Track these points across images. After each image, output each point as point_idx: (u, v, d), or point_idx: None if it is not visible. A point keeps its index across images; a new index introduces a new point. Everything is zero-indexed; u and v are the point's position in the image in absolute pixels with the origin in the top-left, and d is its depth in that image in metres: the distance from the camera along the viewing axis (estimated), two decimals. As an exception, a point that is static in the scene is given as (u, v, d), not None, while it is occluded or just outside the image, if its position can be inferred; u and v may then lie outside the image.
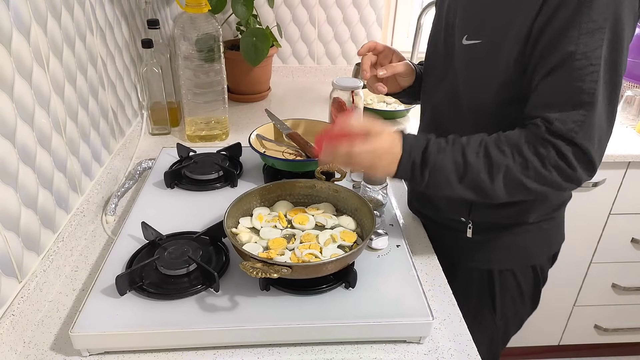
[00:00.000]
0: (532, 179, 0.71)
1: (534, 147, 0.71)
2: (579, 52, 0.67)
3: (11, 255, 0.72)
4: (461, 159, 0.72)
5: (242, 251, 0.74)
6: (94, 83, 1.04)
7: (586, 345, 1.86)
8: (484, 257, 0.96)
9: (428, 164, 0.73)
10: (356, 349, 0.73)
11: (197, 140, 1.34)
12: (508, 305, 1.00)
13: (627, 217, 1.54)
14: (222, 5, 1.46)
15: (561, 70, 0.69)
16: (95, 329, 0.69)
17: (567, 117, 0.69)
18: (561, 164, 0.70)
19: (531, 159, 0.70)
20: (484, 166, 0.72)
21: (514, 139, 0.72)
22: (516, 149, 0.71)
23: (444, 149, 0.73)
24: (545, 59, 0.70)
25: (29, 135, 0.77)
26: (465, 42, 0.81)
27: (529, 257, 0.97)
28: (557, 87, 0.70)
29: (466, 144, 0.73)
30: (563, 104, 0.69)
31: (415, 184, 0.76)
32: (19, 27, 0.75)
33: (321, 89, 1.78)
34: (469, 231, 0.94)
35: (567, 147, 0.69)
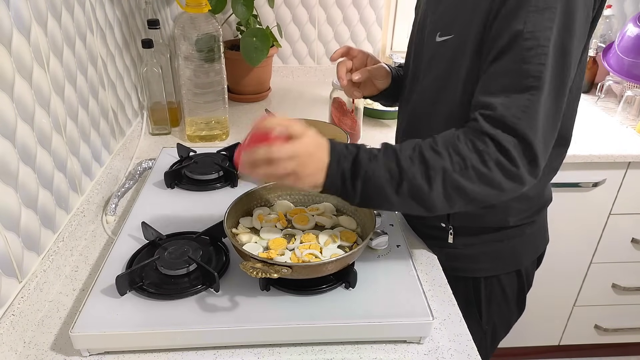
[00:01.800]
0: (471, 180, 0.65)
1: (472, 143, 0.65)
2: (527, 30, 0.63)
3: (11, 255, 0.72)
4: (395, 166, 0.66)
5: (242, 251, 0.74)
6: (94, 83, 1.04)
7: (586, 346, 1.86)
8: (468, 265, 0.94)
9: (359, 173, 0.66)
10: (356, 349, 0.73)
11: (197, 140, 1.34)
12: (494, 311, 0.99)
13: (627, 217, 1.54)
14: (222, 5, 1.46)
15: (509, 52, 0.65)
16: (95, 329, 0.69)
17: (511, 103, 0.64)
18: (502, 159, 0.64)
19: (469, 156, 0.65)
20: (419, 171, 0.66)
21: (449, 138, 0.67)
22: (452, 147, 0.66)
23: (375, 157, 0.67)
24: (496, 41, 0.66)
25: (29, 135, 0.77)
26: (438, 39, 0.78)
27: (513, 263, 0.94)
28: (503, 70, 0.65)
29: (399, 149, 0.68)
30: (508, 89, 0.65)
31: (347, 197, 0.69)
32: (19, 27, 0.75)
33: (321, 89, 1.78)
34: (450, 237, 0.91)
35: (507, 138, 0.64)
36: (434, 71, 0.82)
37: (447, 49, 0.77)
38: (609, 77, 1.65)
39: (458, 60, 0.75)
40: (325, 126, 1.20)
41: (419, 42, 0.87)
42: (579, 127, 1.49)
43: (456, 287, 0.93)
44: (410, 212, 0.71)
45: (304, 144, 0.65)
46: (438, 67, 0.80)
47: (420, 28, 0.87)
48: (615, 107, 1.60)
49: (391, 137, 1.41)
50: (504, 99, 0.64)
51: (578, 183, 1.44)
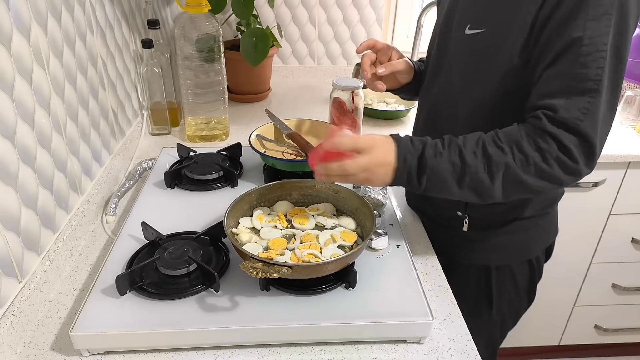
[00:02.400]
0: (532, 175, 0.70)
1: (534, 142, 0.69)
2: (586, 37, 0.66)
3: (11, 255, 0.72)
4: (459, 161, 0.71)
5: (242, 251, 0.74)
6: (94, 83, 1.04)
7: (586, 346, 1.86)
8: (481, 254, 0.97)
9: (425, 170, 0.72)
10: (356, 349, 0.73)
11: (197, 140, 1.34)
12: (505, 300, 1.01)
13: (627, 217, 1.54)
14: (222, 5, 1.46)
15: (566, 57, 0.68)
16: (95, 329, 0.69)
17: (571, 105, 0.67)
18: (563, 157, 0.68)
19: (532, 154, 0.69)
20: (482, 166, 0.70)
21: (513, 135, 0.71)
22: (515, 144, 0.70)
23: (440, 153, 0.72)
24: (551, 46, 0.69)
25: (29, 135, 0.77)
26: (468, 31, 0.79)
27: (525, 252, 0.97)
28: (562, 74, 0.68)
29: (463, 144, 0.72)
30: (567, 92, 0.68)
31: (413, 189, 0.75)
32: (19, 27, 0.75)
33: (321, 89, 1.78)
34: (465, 225, 0.94)
35: (569, 137, 0.68)
36: (460, 65, 0.83)
37: (477, 42, 0.79)
38: (609, 77, 1.65)
39: (491, 55, 0.77)
40: (326, 126, 1.20)
41: (443, 35, 0.87)
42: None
43: (468, 277, 0.97)
44: (466, 200, 0.76)
45: (372, 155, 0.72)
46: (464, 60, 0.82)
47: (445, 21, 0.87)
48: (615, 107, 1.60)
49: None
50: (565, 101, 0.68)
51: (578, 183, 1.44)
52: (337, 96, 1.29)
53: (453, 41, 0.84)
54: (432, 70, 0.91)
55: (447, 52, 0.86)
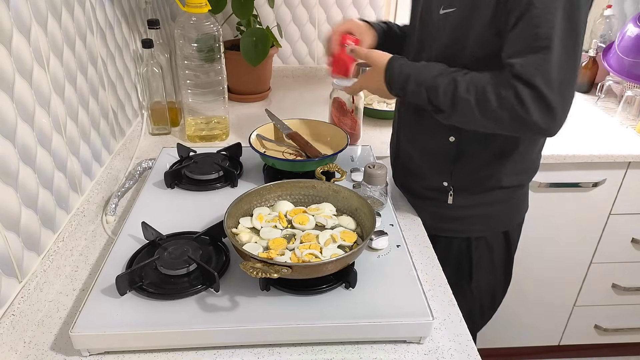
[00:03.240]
0: (485, 113, 0.81)
1: (496, 86, 0.79)
2: (537, 1, 0.75)
3: (11, 255, 0.72)
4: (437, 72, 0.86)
5: (242, 251, 0.74)
6: (94, 83, 1.04)
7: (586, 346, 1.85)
8: (462, 226, 1.04)
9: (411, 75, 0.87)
10: (356, 349, 0.73)
11: (197, 140, 1.34)
12: (483, 273, 1.09)
13: (627, 217, 1.54)
14: (222, 5, 1.46)
15: (523, 20, 0.77)
16: (95, 329, 0.69)
17: (527, 62, 0.76)
18: (517, 108, 0.78)
19: (490, 97, 0.80)
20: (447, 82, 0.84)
21: (481, 79, 0.82)
22: (479, 87, 0.81)
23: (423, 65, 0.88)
24: (513, 13, 0.78)
25: (29, 135, 0.77)
26: (442, 11, 0.89)
27: (501, 224, 1.06)
28: (519, 35, 0.78)
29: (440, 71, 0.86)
30: (524, 50, 0.77)
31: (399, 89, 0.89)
32: (20, 27, 0.75)
33: (321, 89, 1.78)
34: (450, 198, 1.02)
35: (525, 89, 0.76)
36: (441, 40, 0.91)
37: (451, 20, 0.88)
38: (609, 77, 1.65)
39: (463, 30, 0.86)
40: (325, 126, 1.20)
41: (426, 15, 0.94)
42: (579, 127, 1.50)
43: (450, 249, 1.06)
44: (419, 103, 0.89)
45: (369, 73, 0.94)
46: (444, 37, 0.90)
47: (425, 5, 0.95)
48: (615, 107, 1.60)
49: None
50: (522, 59, 0.77)
51: (578, 183, 1.44)
52: (337, 96, 1.29)
53: (433, 21, 0.92)
54: (416, 49, 0.98)
55: (428, 31, 0.94)
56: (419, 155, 1.05)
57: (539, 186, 1.42)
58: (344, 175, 0.94)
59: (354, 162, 1.18)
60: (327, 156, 1.06)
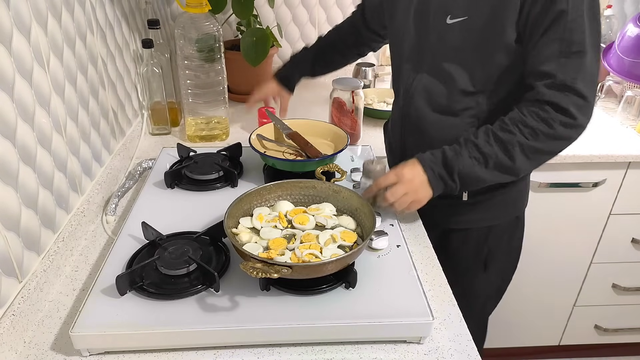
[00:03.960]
0: (544, 142, 0.81)
1: (536, 114, 0.80)
2: (569, 7, 0.76)
3: (11, 255, 0.72)
4: (477, 153, 0.83)
5: (242, 251, 0.74)
6: (95, 83, 1.04)
7: (586, 346, 1.85)
8: (479, 216, 1.03)
9: (454, 170, 0.83)
10: (356, 349, 0.73)
11: (198, 140, 1.34)
12: (498, 260, 1.09)
13: (627, 217, 1.54)
14: (222, 5, 1.46)
15: (556, 27, 0.77)
16: (95, 329, 0.69)
17: (565, 67, 0.78)
18: (563, 118, 0.79)
19: (537, 125, 0.79)
20: (499, 150, 0.82)
21: (515, 116, 0.82)
22: (520, 123, 0.81)
23: (459, 152, 0.84)
24: (541, 20, 0.79)
25: (29, 135, 0.77)
26: (449, 21, 0.87)
27: (515, 208, 1.06)
28: (553, 42, 0.78)
29: (475, 138, 0.83)
30: (560, 56, 0.78)
31: (451, 190, 0.86)
32: (20, 27, 0.75)
33: (321, 89, 1.78)
34: (465, 195, 1.00)
35: (565, 98, 0.78)
36: (445, 50, 0.89)
37: (460, 29, 0.86)
38: (609, 77, 1.65)
39: (474, 39, 0.85)
40: (325, 126, 1.20)
41: (420, 25, 0.92)
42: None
43: (466, 240, 1.05)
44: (502, 182, 0.87)
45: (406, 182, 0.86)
46: (450, 46, 0.89)
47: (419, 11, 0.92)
48: (616, 107, 1.60)
49: (391, 137, 1.41)
50: (560, 65, 0.78)
51: (578, 183, 1.44)
52: (337, 96, 1.30)
53: (434, 31, 0.90)
54: (415, 60, 0.96)
55: (428, 41, 0.92)
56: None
57: (539, 186, 1.42)
58: (344, 175, 0.94)
59: (354, 162, 1.18)
60: (327, 156, 1.06)
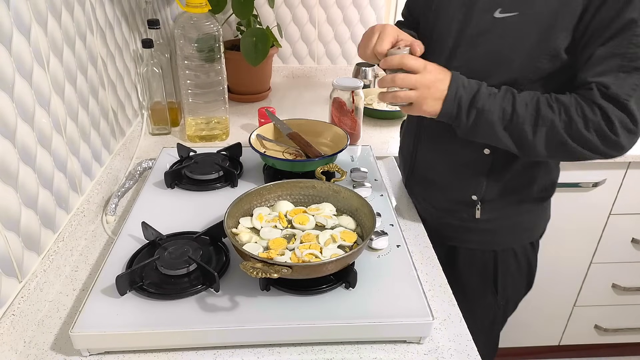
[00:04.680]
0: (573, 139, 0.75)
1: (581, 109, 0.74)
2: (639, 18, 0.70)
3: (11, 255, 0.72)
4: (510, 107, 0.77)
5: (242, 251, 0.74)
6: (94, 83, 1.04)
7: (586, 346, 1.86)
8: (488, 238, 0.99)
9: (476, 105, 0.77)
10: (356, 349, 0.73)
11: (198, 140, 1.34)
12: (509, 284, 1.04)
13: (627, 217, 1.54)
14: (222, 5, 1.46)
15: (621, 37, 0.72)
16: (95, 329, 0.69)
17: (623, 82, 0.72)
18: (604, 128, 0.74)
19: (576, 119, 0.74)
20: (530, 118, 0.76)
21: (564, 100, 0.76)
22: (564, 107, 0.75)
23: (494, 94, 0.78)
24: (606, 27, 0.72)
25: (29, 135, 0.77)
26: (498, 15, 0.80)
27: (529, 234, 1.01)
28: (615, 53, 0.72)
29: (517, 94, 0.78)
30: (620, 70, 0.72)
31: (458, 124, 0.80)
32: (19, 27, 0.75)
33: (321, 89, 1.78)
34: (477, 212, 0.96)
35: (616, 112, 0.73)
36: (486, 45, 0.83)
37: (509, 25, 0.80)
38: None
39: (523, 37, 0.79)
40: (325, 126, 1.20)
41: (463, 16, 0.86)
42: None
43: (473, 261, 1.00)
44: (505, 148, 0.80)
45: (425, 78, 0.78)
46: (492, 41, 0.82)
47: (463, 4, 0.85)
48: (615, 107, 1.60)
49: (392, 137, 1.42)
50: (617, 78, 0.73)
51: (578, 183, 1.44)
52: (337, 96, 1.30)
53: (479, 22, 0.83)
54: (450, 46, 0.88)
55: (468, 31, 0.85)
56: (446, 168, 0.97)
57: (539, 186, 1.42)
58: (344, 175, 0.94)
59: (354, 162, 1.18)
60: (327, 156, 1.06)
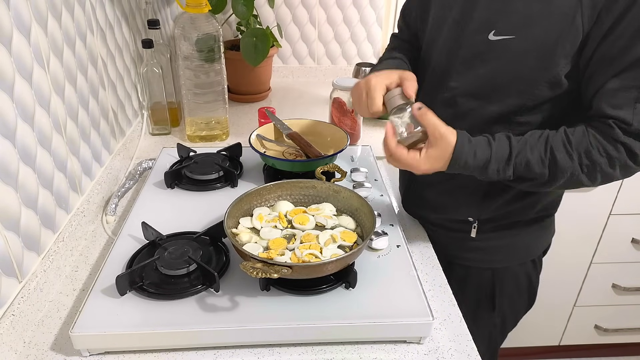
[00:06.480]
0: (594, 179, 0.75)
1: (604, 149, 0.72)
2: None
3: (11, 255, 0.72)
4: (527, 172, 0.75)
5: (242, 251, 0.74)
6: (95, 83, 1.04)
7: (586, 346, 1.86)
8: (484, 257, 0.97)
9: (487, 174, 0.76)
10: (356, 349, 0.73)
11: (198, 140, 1.34)
12: (506, 301, 1.01)
13: (627, 218, 1.54)
14: (222, 5, 1.46)
15: (634, 71, 0.70)
16: (95, 329, 0.69)
17: None
18: (630, 162, 0.73)
19: (600, 160, 0.73)
20: (548, 173, 0.75)
21: (582, 141, 0.73)
22: (585, 152, 0.73)
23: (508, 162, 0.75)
24: (615, 58, 0.71)
25: (29, 135, 0.77)
26: (492, 37, 0.77)
27: (528, 253, 0.98)
28: (632, 87, 0.71)
29: (530, 151, 0.75)
30: (637, 101, 0.70)
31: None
32: (20, 27, 0.75)
33: (321, 89, 1.78)
34: (473, 231, 0.94)
35: (637, 144, 0.72)
36: (482, 68, 0.80)
37: (505, 48, 0.77)
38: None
39: (520, 62, 0.76)
40: (325, 126, 1.20)
41: (456, 35, 0.83)
42: (579, 127, 1.50)
43: (469, 278, 0.98)
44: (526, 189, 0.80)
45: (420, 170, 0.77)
46: (488, 64, 0.79)
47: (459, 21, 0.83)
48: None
49: (391, 137, 1.41)
50: (635, 113, 0.71)
51: (578, 183, 1.44)
52: (337, 96, 1.30)
53: (472, 44, 0.81)
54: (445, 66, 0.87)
55: (461, 52, 0.83)
56: (442, 188, 0.94)
57: (539, 186, 1.42)
58: (344, 175, 0.94)
59: (354, 162, 1.18)
60: (327, 156, 1.06)
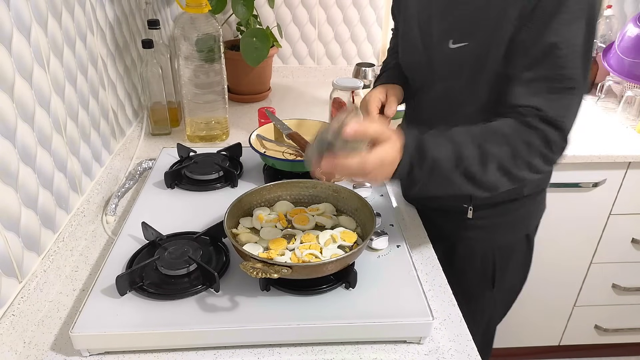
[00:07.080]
0: (519, 167, 0.74)
1: (521, 137, 0.73)
2: (561, 42, 0.71)
3: (11, 255, 0.72)
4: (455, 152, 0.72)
5: (242, 251, 0.74)
6: (95, 83, 1.04)
7: (586, 346, 1.85)
8: (485, 235, 1.01)
9: (426, 160, 0.70)
10: (356, 349, 0.73)
11: (197, 140, 1.34)
12: (506, 278, 1.06)
13: (627, 217, 1.54)
14: (222, 6, 1.46)
15: (546, 60, 0.73)
16: (95, 329, 0.69)
17: (554, 103, 0.73)
18: (545, 151, 0.74)
19: (519, 146, 0.73)
20: (478, 157, 0.72)
21: (502, 128, 0.74)
22: (504, 139, 0.73)
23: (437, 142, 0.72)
24: (528, 50, 0.74)
25: (30, 135, 0.77)
26: (452, 46, 0.82)
27: (524, 228, 1.03)
28: (543, 76, 0.73)
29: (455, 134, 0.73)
30: (550, 91, 0.73)
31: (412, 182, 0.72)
32: (20, 27, 0.75)
33: (321, 89, 1.78)
34: (470, 212, 0.98)
35: (553, 132, 0.73)
36: (453, 75, 0.85)
37: (465, 55, 0.81)
38: (609, 77, 1.65)
39: (483, 66, 0.80)
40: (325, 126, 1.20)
41: (426, 48, 0.89)
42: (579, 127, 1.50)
43: (471, 259, 1.02)
44: (463, 193, 0.76)
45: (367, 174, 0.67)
46: (457, 71, 0.84)
47: (423, 35, 0.89)
48: (616, 107, 1.60)
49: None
50: (549, 100, 0.73)
51: (578, 183, 1.44)
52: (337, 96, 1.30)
53: (439, 54, 0.86)
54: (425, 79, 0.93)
55: (435, 64, 0.88)
56: None
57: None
58: (344, 176, 0.94)
59: (354, 162, 1.18)
60: (327, 156, 1.06)
